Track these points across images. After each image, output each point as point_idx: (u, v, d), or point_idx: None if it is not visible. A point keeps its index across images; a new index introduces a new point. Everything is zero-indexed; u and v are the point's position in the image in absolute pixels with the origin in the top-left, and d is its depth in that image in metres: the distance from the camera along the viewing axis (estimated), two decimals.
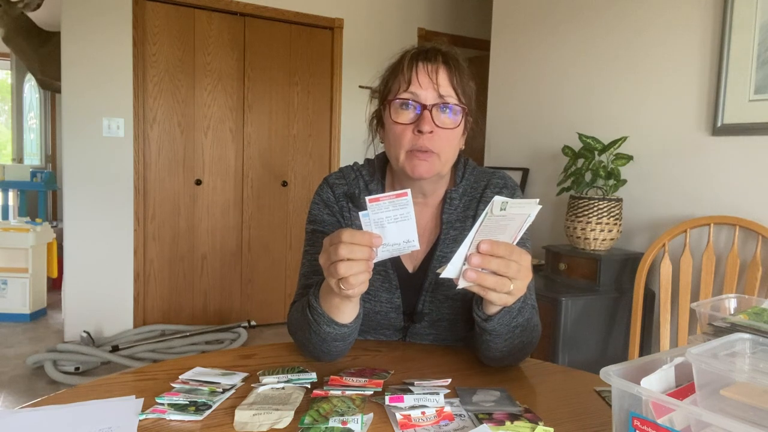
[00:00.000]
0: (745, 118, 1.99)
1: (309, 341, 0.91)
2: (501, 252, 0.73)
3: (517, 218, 0.73)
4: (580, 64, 2.64)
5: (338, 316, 0.85)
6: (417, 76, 0.95)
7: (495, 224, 0.72)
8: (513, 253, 0.73)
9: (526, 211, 0.73)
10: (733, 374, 0.55)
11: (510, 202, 0.70)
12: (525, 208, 0.72)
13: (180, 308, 3.63)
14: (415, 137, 0.94)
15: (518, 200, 0.71)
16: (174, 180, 3.56)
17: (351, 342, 0.92)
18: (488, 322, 0.84)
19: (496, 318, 0.83)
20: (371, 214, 0.73)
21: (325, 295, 0.84)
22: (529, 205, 0.72)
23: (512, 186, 1.07)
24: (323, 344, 0.89)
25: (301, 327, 0.91)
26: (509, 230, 0.74)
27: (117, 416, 0.71)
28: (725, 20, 2.03)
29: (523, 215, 0.73)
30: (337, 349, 0.91)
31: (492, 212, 0.70)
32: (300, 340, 0.95)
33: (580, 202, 2.25)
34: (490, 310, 0.83)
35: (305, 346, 0.94)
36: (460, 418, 0.73)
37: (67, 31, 3.21)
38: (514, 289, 0.75)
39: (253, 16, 3.69)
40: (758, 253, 1.87)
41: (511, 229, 0.74)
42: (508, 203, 0.70)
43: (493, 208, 0.70)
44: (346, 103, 4.00)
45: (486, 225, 0.72)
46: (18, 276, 3.74)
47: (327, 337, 0.87)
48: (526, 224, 0.75)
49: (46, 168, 6.33)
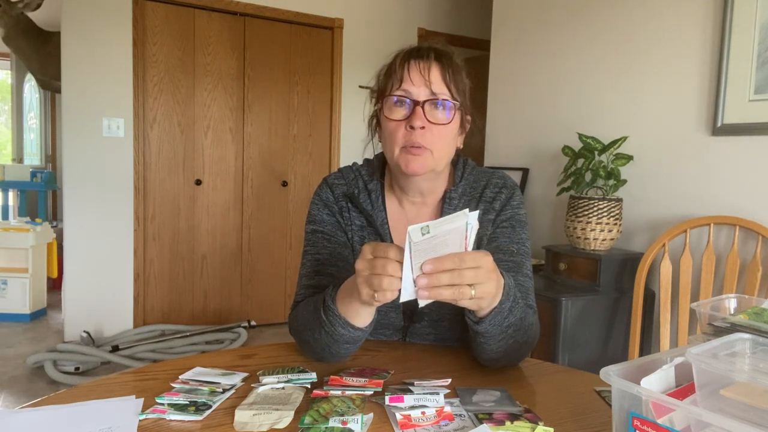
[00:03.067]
0: (745, 118, 1.99)
1: (317, 342, 0.90)
2: (449, 265, 0.70)
3: (452, 233, 0.70)
4: (580, 64, 2.64)
5: (355, 319, 0.85)
6: (409, 74, 0.95)
7: (429, 246, 0.69)
8: (464, 261, 0.71)
9: (458, 224, 0.70)
10: (733, 374, 0.55)
11: (432, 224, 0.68)
12: (455, 222, 0.70)
13: (180, 308, 3.63)
14: (407, 133, 0.94)
15: (444, 218, 0.69)
16: (174, 180, 3.56)
17: (359, 345, 0.92)
18: (480, 325, 0.84)
19: (487, 320, 0.83)
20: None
21: (344, 297, 0.84)
22: (459, 218, 0.69)
23: (512, 185, 1.07)
24: (333, 345, 0.89)
25: (310, 327, 0.91)
26: (452, 244, 0.71)
27: (117, 416, 0.71)
28: (725, 20, 2.03)
29: (458, 228, 0.70)
30: (346, 351, 0.91)
31: (412, 240, 0.68)
32: (305, 339, 0.94)
33: (580, 202, 2.25)
34: (480, 312, 0.83)
35: (310, 345, 0.93)
36: (460, 418, 0.73)
37: (67, 31, 3.21)
38: (477, 293, 0.73)
39: (253, 16, 3.69)
40: (758, 253, 1.87)
41: (454, 243, 0.71)
42: (429, 226, 0.68)
43: (412, 237, 0.68)
44: (346, 103, 4.00)
45: (417, 251, 0.69)
46: (18, 276, 3.74)
47: (340, 339, 0.87)
48: (472, 232, 0.72)
49: (46, 168, 6.33)
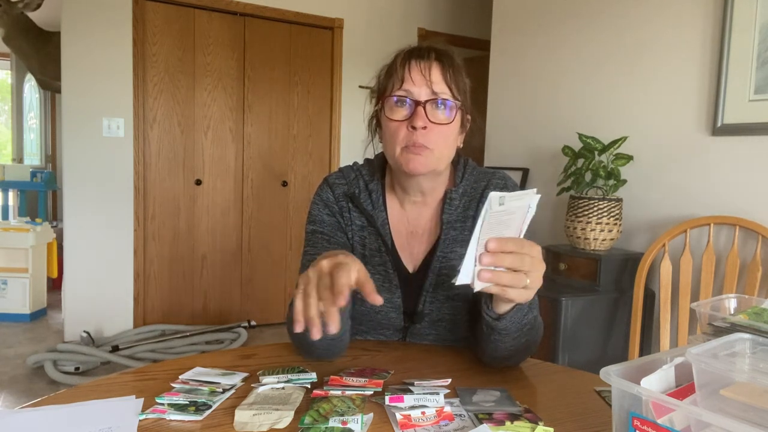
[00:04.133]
0: (745, 118, 1.99)
1: (301, 339, 0.91)
2: (511, 247, 0.71)
3: (517, 211, 0.72)
4: (580, 64, 2.64)
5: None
6: (410, 74, 0.95)
7: (497, 220, 0.71)
8: (524, 246, 0.72)
9: (525, 203, 0.72)
10: (733, 374, 0.55)
11: (507, 196, 0.69)
12: (524, 199, 0.71)
13: (180, 308, 3.63)
14: (409, 133, 0.95)
15: (515, 192, 0.70)
16: (174, 180, 3.56)
17: (342, 340, 0.91)
18: (500, 321, 0.83)
19: (508, 316, 0.82)
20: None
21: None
22: (528, 196, 0.71)
23: (512, 186, 1.08)
24: (313, 345, 0.88)
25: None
26: (513, 225, 0.73)
27: (117, 416, 0.71)
28: (725, 20, 2.03)
29: (522, 207, 0.72)
30: (327, 347, 0.90)
31: (491, 208, 0.69)
32: (294, 338, 0.95)
33: (580, 202, 2.25)
34: (502, 308, 0.82)
35: (299, 344, 0.94)
36: (460, 418, 0.73)
37: (67, 31, 3.21)
38: (530, 282, 0.74)
39: (253, 16, 3.69)
40: (758, 253, 1.87)
41: (514, 224, 0.73)
42: (505, 197, 0.69)
43: (492, 205, 0.69)
44: (346, 103, 4.00)
45: (488, 223, 0.70)
46: (18, 276, 3.74)
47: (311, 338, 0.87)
48: (529, 216, 0.74)
49: (46, 168, 6.33)
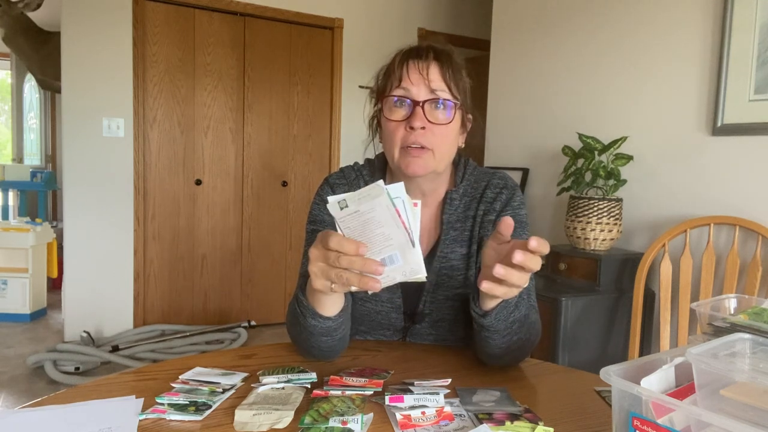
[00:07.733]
0: (745, 118, 1.99)
1: (300, 336, 0.91)
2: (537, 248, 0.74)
3: (377, 208, 0.70)
4: (580, 64, 2.64)
5: (322, 309, 0.84)
6: (408, 73, 0.95)
7: (359, 222, 0.69)
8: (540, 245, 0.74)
9: (377, 200, 0.69)
10: (733, 374, 0.55)
11: (348, 197, 0.68)
12: (371, 194, 0.69)
13: (180, 308, 3.63)
14: (407, 134, 0.94)
15: (359, 191, 0.69)
16: (174, 180, 3.56)
17: (340, 339, 0.91)
18: (486, 318, 0.84)
19: (494, 313, 0.83)
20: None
21: (310, 288, 0.84)
22: (375, 190, 0.69)
23: (512, 186, 1.07)
24: (311, 338, 0.89)
25: (293, 322, 0.92)
26: (386, 222, 0.70)
27: (117, 416, 0.71)
28: (725, 20, 2.03)
29: (381, 203, 0.69)
30: (326, 344, 0.90)
31: (335, 215, 0.69)
32: (293, 335, 0.95)
33: (580, 202, 2.25)
34: (488, 305, 0.83)
35: (298, 342, 0.94)
36: (460, 418, 0.73)
37: (67, 31, 3.21)
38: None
39: (253, 16, 3.69)
40: (758, 253, 1.87)
41: (387, 220, 0.70)
42: (346, 199, 0.68)
43: (333, 210, 0.68)
44: (346, 103, 4.00)
45: (348, 228, 0.70)
46: (18, 276, 3.74)
47: (314, 330, 0.87)
48: (408, 209, 0.70)
49: (46, 168, 6.33)
